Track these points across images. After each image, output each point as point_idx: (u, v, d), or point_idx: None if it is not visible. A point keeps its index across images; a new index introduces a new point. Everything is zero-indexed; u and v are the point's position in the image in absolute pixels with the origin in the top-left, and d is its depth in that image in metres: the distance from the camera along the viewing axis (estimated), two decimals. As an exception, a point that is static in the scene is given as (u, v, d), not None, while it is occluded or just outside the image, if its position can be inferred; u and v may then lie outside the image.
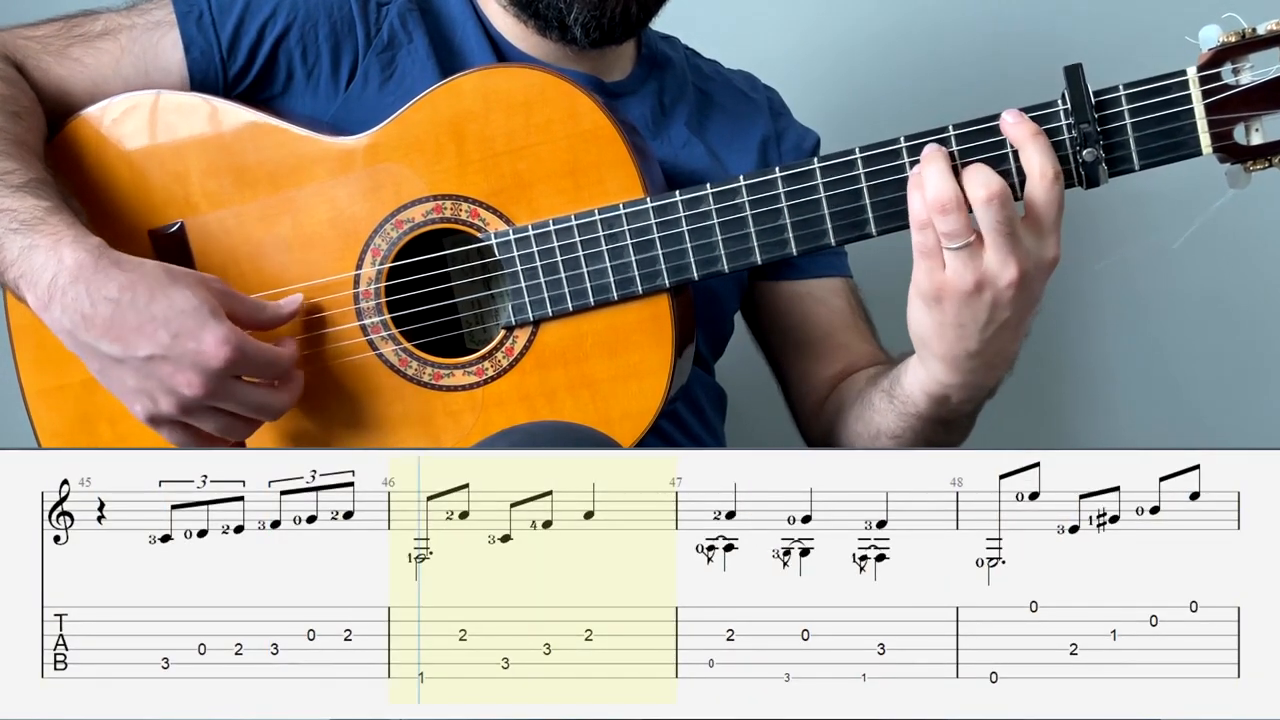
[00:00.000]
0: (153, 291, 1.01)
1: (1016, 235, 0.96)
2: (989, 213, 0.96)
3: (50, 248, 1.02)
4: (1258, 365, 1.70)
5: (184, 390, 1.01)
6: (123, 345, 1.01)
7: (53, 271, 1.01)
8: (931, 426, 1.11)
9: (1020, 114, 0.99)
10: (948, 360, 1.03)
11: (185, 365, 1.01)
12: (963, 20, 1.69)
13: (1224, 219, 1.05)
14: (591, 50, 1.24)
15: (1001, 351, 1.03)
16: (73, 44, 1.18)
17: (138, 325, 1.00)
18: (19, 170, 1.07)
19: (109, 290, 1.00)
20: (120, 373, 1.03)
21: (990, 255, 0.96)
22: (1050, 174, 0.97)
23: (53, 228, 1.03)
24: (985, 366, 1.03)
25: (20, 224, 1.03)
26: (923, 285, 0.99)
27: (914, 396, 1.09)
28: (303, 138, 1.14)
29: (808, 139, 1.37)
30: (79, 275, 1.01)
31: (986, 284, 0.97)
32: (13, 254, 1.03)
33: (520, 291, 1.11)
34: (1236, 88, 0.97)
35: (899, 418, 1.12)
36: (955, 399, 1.07)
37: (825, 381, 1.30)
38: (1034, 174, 0.97)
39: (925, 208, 0.98)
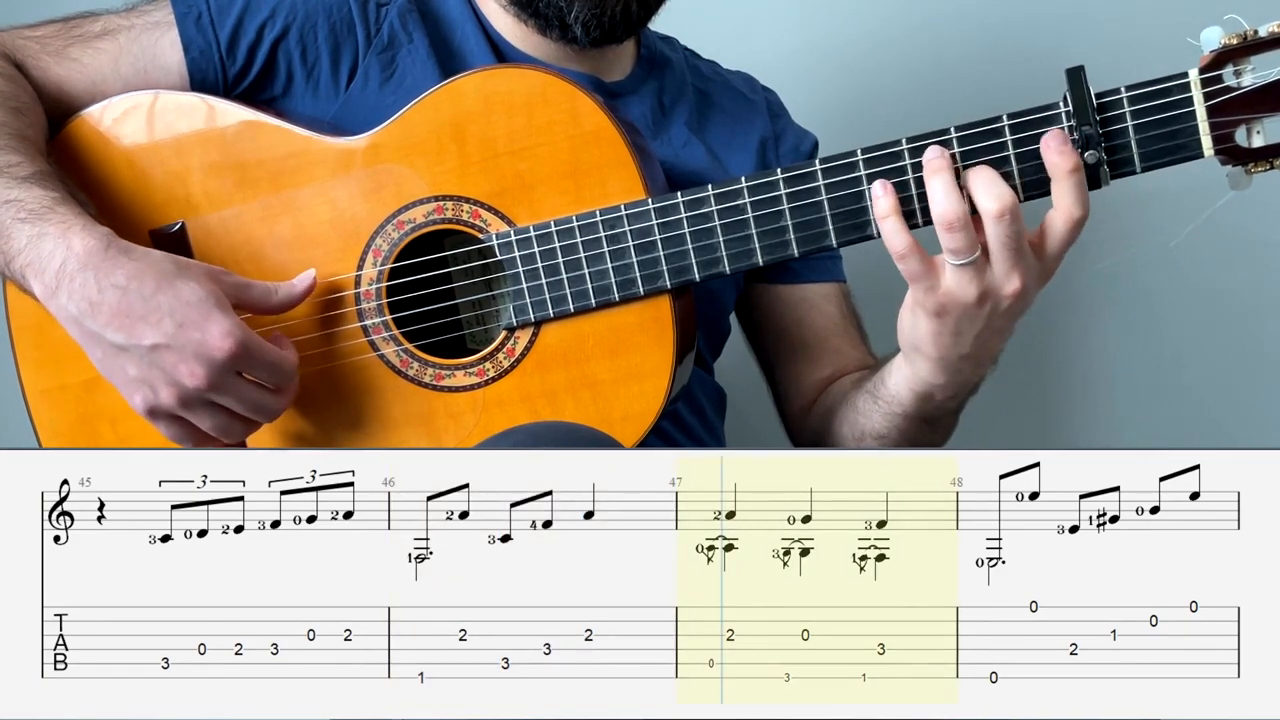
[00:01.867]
0: (159, 281, 1.01)
1: (1024, 250, 0.96)
2: (1000, 228, 0.95)
3: (59, 235, 1.02)
4: (1258, 365, 1.70)
5: (186, 381, 1.01)
6: (127, 333, 1.00)
7: (61, 258, 1.01)
8: (917, 425, 1.11)
9: (1065, 139, 0.97)
10: (940, 363, 1.03)
11: (188, 355, 1.00)
12: (963, 22, 1.69)
13: (1225, 219, 1.05)
14: (592, 50, 1.24)
15: (989, 350, 1.03)
16: (72, 44, 1.18)
17: (143, 314, 1.00)
18: (24, 163, 1.07)
19: (116, 278, 1.00)
20: (123, 362, 1.02)
21: (995, 268, 0.96)
22: (1076, 217, 0.96)
23: (61, 216, 1.03)
24: (972, 365, 1.04)
25: (28, 213, 1.03)
26: (925, 303, 0.99)
27: (899, 395, 1.09)
28: (303, 138, 1.14)
29: (806, 141, 1.38)
30: (87, 262, 1.01)
31: (990, 296, 0.97)
32: (20, 243, 1.03)
33: (521, 292, 1.11)
34: (1238, 90, 0.97)
35: (884, 417, 1.12)
36: (940, 396, 1.07)
37: (814, 385, 1.31)
38: (1061, 210, 0.97)
39: (905, 244, 0.98)
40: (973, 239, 0.96)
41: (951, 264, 0.97)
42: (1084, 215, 0.97)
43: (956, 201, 0.96)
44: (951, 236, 0.96)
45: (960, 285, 0.97)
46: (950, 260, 0.97)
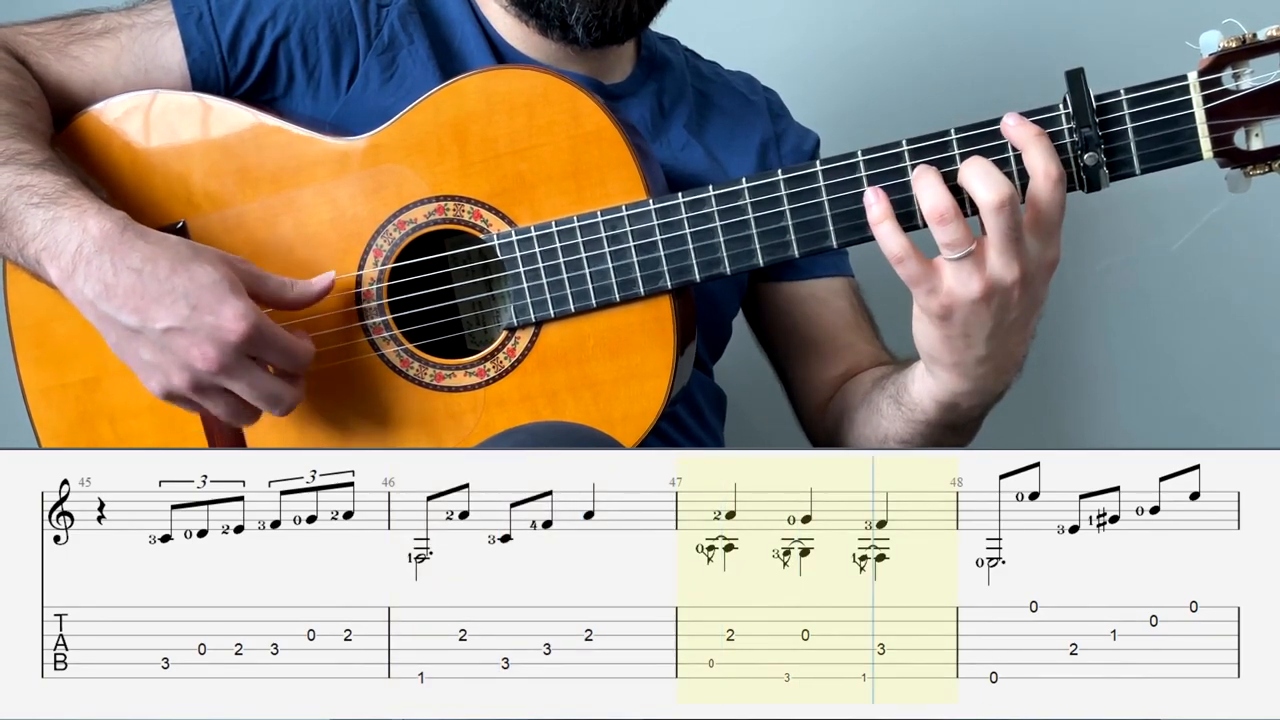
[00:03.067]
0: (174, 264, 1.01)
1: (1021, 239, 0.96)
2: (1000, 219, 0.94)
3: (75, 219, 1.02)
4: (1258, 365, 1.70)
5: (198, 364, 1.01)
6: (141, 316, 1.01)
7: (77, 241, 1.01)
8: (941, 432, 1.10)
9: (1021, 117, 0.99)
10: (957, 369, 1.02)
11: (201, 338, 1.00)
12: (964, 24, 1.69)
13: (1225, 220, 1.05)
14: (592, 50, 1.24)
15: (1010, 355, 1.02)
16: (73, 41, 1.18)
17: (157, 296, 1.00)
18: (34, 151, 1.07)
19: (132, 260, 1.01)
20: (137, 345, 1.02)
21: (994, 259, 0.96)
22: (1054, 175, 0.96)
23: (75, 200, 1.03)
24: (994, 371, 1.03)
25: (42, 198, 1.04)
26: (929, 306, 0.99)
27: (923, 404, 1.08)
28: (304, 138, 1.14)
29: (807, 140, 1.37)
30: (104, 244, 1.01)
31: (993, 289, 0.96)
32: (35, 228, 1.03)
33: (522, 292, 1.11)
34: (1237, 93, 0.97)
35: (907, 424, 1.11)
36: (965, 405, 1.06)
37: (829, 382, 1.30)
38: (1038, 175, 0.97)
39: (900, 247, 0.98)
40: (966, 231, 0.96)
41: (949, 259, 0.96)
42: (1061, 172, 0.97)
43: (944, 193, 0.96)
44: (944, 229, 0.95)
45: (961, 282, 0.96)
46: (947, 255, 0.96)
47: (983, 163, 0.97)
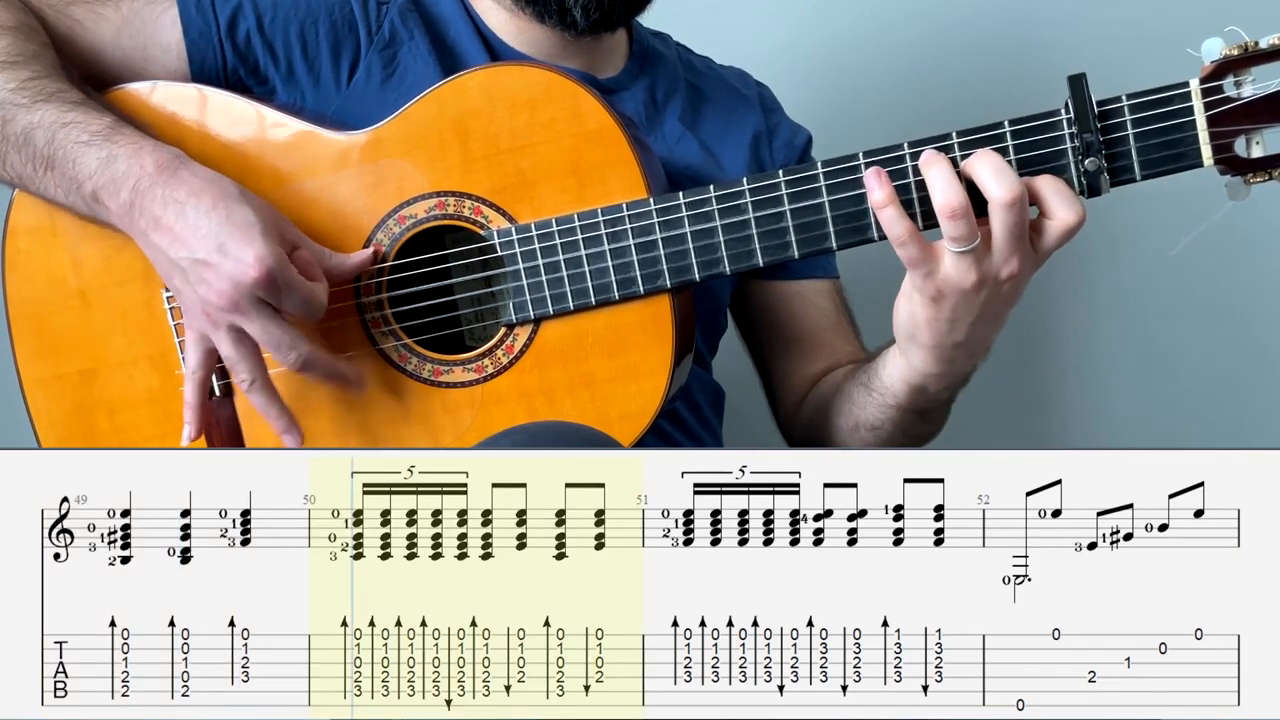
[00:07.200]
0: (216, 201, 1.03)
1: (1025, 236, 0.97)
2: (1009, 216, 0.96)
3: (131, 155, 1.05)
4: (1256, 372, 1.71)
5: (212, 299, 1.03)
6: (179, 246, 1.03)
7: (135, 177, 1.04)
8: (910, 416, 1.12)
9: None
10: (935, 351, 1.04)
11: (223, 275, 1.02)
12: (966, 27, 1.69)
13: (1226, 224, 1.06)
14: (587, 38, 1.23)
15: (982, 340, 1.04)
16: (74, 2, 1.18)
17: (195, 227, 1.03)
18: (71, 89, 1.09)
19: (179, 193, 1.03)
20: (174, 277, 1.05)
21: (996, 254, 0.97)
22: (1076, 220, 0.98)
23: (128, 137, 1.06)
24: (966, 355, 1.05)
25: (92, 135, 1.05)
26: (924, 289, 1.00)
27: (894, 387, 1.10)
28: (306, 132, 1.14)
29: (799, 136, 1.38)
30: (158, 178, 1.04)
31: (986, 282, 0.98)
32: (90, 166, 1.05)
33: (521, 289, 1.11)
34: (1238, 100, 0.97)
35: (878, 409, 1.13)
36: (934, 388, 1.08)
37: (807, 379, 1.32)
38: (1057, 218, 0.98)
39: (904, 230, 0.98)
40: (974, 227, 0.97)
41: (952, 251, 0.97)
42: (1079, 220, 0.98)
43: (958, 190, 0.97)
44: (954, 225, 0.96)
45: (959, 271, 0.98)
46: (951, 248, 0.97)
47: (995, 158, 0.98)
